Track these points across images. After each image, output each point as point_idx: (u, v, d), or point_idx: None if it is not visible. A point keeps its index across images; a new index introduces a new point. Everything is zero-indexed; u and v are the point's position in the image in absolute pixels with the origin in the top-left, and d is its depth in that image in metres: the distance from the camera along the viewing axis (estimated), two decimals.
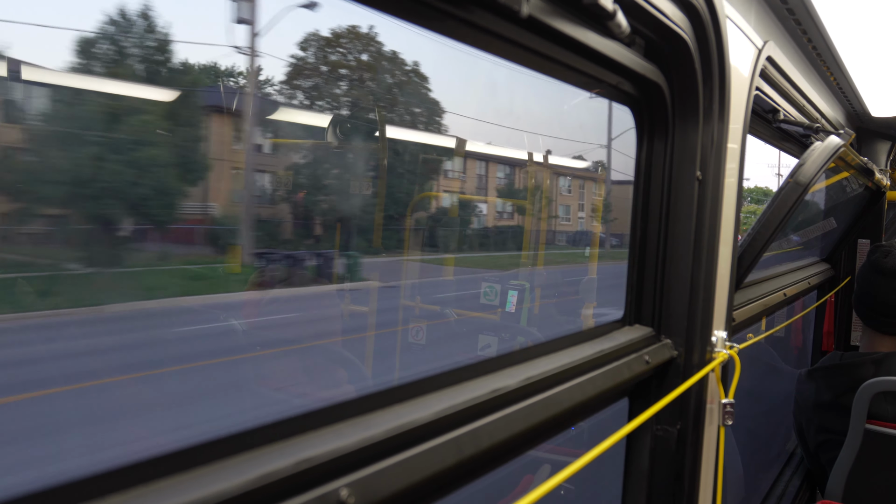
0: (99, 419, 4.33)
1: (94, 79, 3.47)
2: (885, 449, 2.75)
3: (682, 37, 1.46)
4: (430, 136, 9.98)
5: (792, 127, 2.56)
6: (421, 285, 6.69)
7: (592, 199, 18.69)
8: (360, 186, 7.54)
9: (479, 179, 13.06)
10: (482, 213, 12.93)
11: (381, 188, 6.98)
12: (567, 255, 15.98)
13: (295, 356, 3.12)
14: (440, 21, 1.00)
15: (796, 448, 3.96)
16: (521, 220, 13.07)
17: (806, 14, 2.16)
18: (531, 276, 8.41)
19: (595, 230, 17.27)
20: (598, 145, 15.90)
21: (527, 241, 12.05)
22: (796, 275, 3.39)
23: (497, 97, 10.47)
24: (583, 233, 18.31)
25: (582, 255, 16.30)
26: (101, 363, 4.63)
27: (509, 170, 13.80)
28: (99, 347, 4.87)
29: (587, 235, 18.02)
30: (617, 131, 13.09)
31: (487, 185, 13.28)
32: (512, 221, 13.34)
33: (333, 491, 0.79)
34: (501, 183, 14.00)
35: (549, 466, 3.06)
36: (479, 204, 12.44)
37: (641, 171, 1.68)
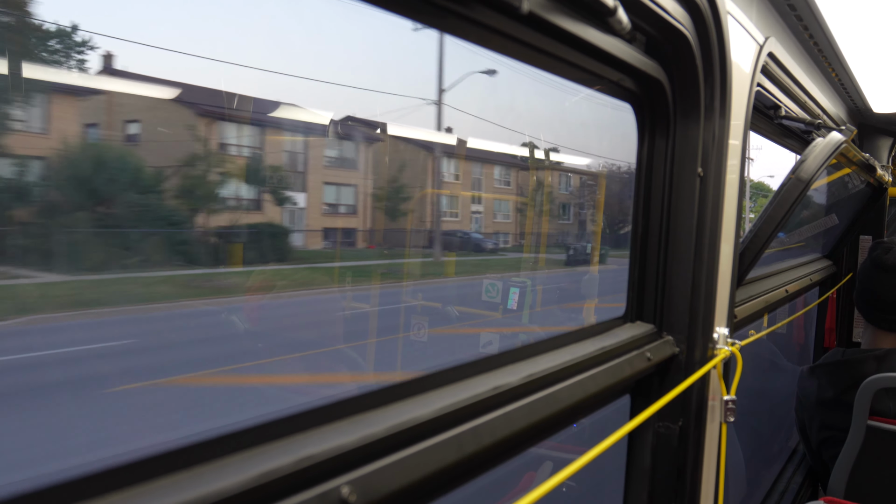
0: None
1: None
2: (888, 445, 2.75)
3: (683, 33, 1.46)
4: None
5: (793, 123, 2.56)
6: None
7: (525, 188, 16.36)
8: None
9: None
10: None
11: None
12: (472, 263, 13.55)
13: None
14: (441, 17, 0.99)
15: (798, 445, 3.96)
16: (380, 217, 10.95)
17: (807, 10, 2.15)
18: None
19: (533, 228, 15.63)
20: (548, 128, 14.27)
21: (411, 244, 11.28)
22: (798, 271, 3.38)
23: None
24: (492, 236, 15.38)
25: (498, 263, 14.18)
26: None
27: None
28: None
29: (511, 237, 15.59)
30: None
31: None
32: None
33: (335, 489, 0.79)
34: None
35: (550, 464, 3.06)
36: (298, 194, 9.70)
37: (643, 167, 1.68)
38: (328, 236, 9.83)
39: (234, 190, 7.02)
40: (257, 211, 7.58)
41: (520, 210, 16.17)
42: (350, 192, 10.23)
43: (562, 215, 18.24)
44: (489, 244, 14.61)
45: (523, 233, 16.15)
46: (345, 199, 10.08)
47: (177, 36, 4.47)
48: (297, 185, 8.81)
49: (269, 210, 7.93)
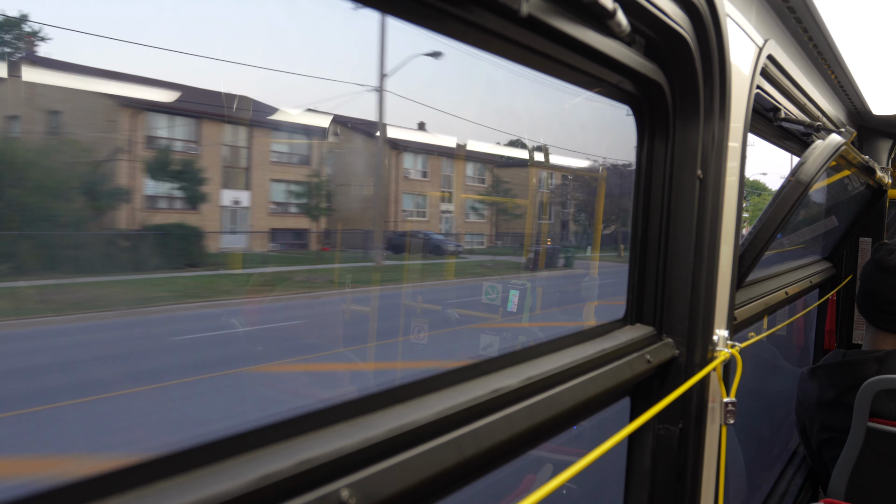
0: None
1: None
2: (888, 447, 2.75)
3: (682, 35, 1.46)
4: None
5: (793, 125, 2.56)
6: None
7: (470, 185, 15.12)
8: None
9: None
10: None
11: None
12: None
13: None
14: (440, 21, 0.99)
15: (798, 447, 3.96)
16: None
17: (807, 12, 2.16)
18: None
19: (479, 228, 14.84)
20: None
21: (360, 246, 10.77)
22: (798, 273, 3.39)
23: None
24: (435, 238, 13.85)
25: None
26: None
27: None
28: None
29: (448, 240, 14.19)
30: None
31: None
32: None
33: (334, 492, 0.79)
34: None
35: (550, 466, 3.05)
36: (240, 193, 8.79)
37: (642, 170, 1.68)
38: (276, 238, 9.08)
39: (144, 186, 6.29)
40: (172, 210, 6.80)
41: (499, 210, 15.57)
42: (301, 189, 9.52)
43: (541, 215, 17.48)
44: (450, 246, 13.85)
45: (502, 233, 15.56)
46: (297, 197, 9.38)
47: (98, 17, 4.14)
48: (238, 182, 8.09)
49: (192, 210, 7.09)
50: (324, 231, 9.95)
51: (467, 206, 14.77)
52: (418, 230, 13.34)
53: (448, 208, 14.14)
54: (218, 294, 7.25)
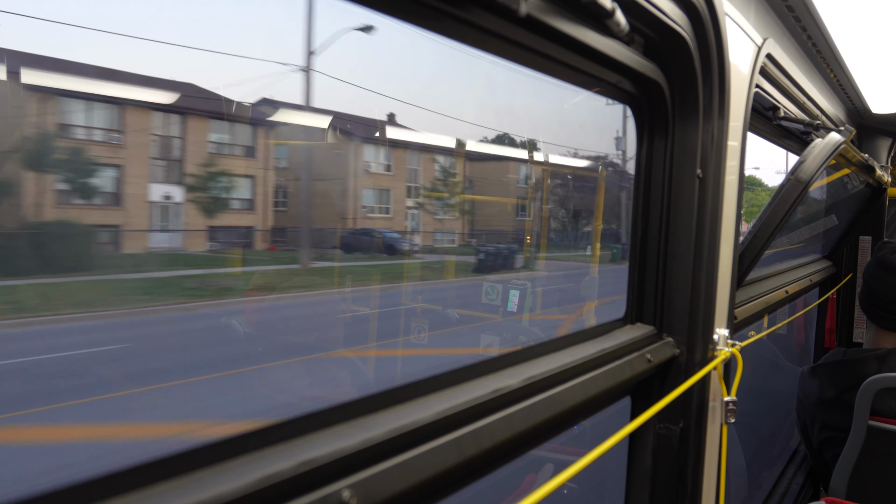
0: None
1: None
2: (889, 445, 2.75)
3: (681, 35, 1.46)
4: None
5: (792, 124, 2.56)
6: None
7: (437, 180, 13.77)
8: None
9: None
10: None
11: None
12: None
13: None
14: (438, 21, 0.99)
15: (799, 445, 3.96)
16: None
17: (805, 11, 2.16)
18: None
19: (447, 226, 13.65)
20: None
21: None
22: (798, 272, 3.39)
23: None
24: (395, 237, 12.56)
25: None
26: None
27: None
28: None
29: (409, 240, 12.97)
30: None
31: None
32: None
33: (335, 492, 0.79)
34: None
35: (551, 466, 3.05)
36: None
37: (642, 169, 1.68)
38: (217, 236, 8.13)
39: (48, 180, 5.46)
40: (84, 207, 5.93)
41: (474, 206, 14.67)
42: (246, 184, 8.43)
43: (520, 213, 16.44)
44: (405, 245, 12.82)
45: (478, 231, 14.58)
46: (239, 192, 8.29)
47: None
48: (170, 176, 7.21)
49: (113, 206, 6.21)
50: (272, 229, 9.20)
51: (437, 202, 13.84)
52: (373, 228, 12.24)
53: (415, 204, 13.18)
54: (64, 307, 6.21)
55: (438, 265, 12.64)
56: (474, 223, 15.09)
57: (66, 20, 4.80)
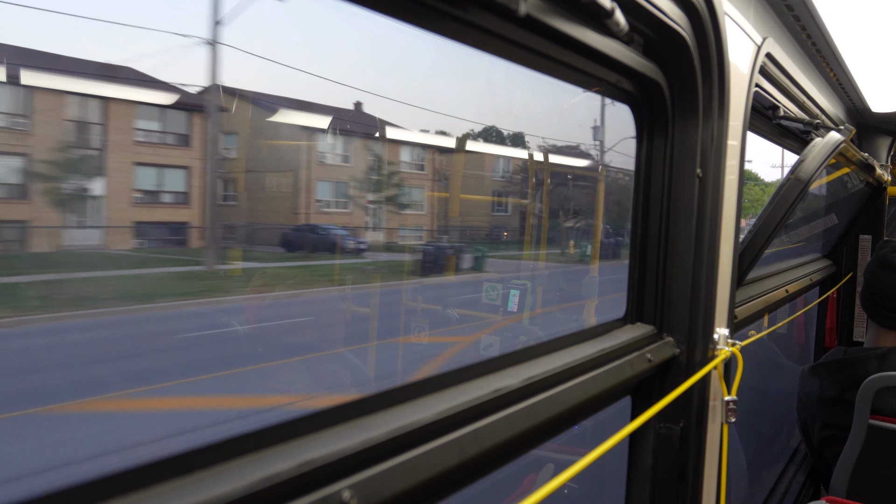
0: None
1: None
2: (889, 444, 2.75)
3: (680, 34, 1.46)
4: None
5: (792, 123, 2.56)
6: None
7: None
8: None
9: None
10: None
11: None
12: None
13: None
14: (437, 21, 0.99)
15: (800, 444, 3.96)
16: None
17: (805, 10, 2.16)
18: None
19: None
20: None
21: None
22: (798, 271, 3.39)
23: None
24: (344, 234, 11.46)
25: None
26: None
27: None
28: None
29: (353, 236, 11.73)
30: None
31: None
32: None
33: (336, 493, 0.79)
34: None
35: (552, 466, 3.05)
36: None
37: (641, 169, 1.68)
38: (144, 233, 7.24)
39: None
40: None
41: (444, 200, 13.54)
42: (179, 176, 7.47)
43: (497, 207, 15.44)
44: (350, 243, 11.58)
45: (450, 227, 13.41)
46: (171, 184, 7.36)
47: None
48: (88, 168, 6.34)
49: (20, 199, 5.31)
50: (212, 225, 8.22)
51: (402, 195, 12.71)
52: (318, 224, 11.05)
53: (377, 198, 12.06)
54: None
55: (386, 266, 11.33)
56: (447, 219, 13.97)
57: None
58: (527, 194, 14.71)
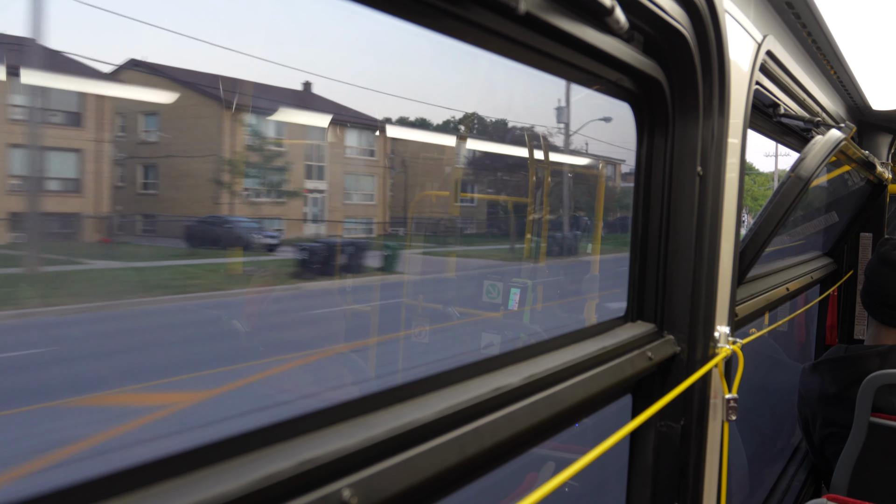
0: None
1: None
2: (890, 442, 2.75)
3: (681, 32, 1.45)
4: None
5: (792, 121, 2.55)
6: None
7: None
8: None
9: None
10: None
11: None
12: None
13: None
14: (437, 19, 0.99)
15: (801, 442, 3.96)
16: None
17: (805, 8, 2.15)
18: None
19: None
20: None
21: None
22: (799, 269, 3.38)
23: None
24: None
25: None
26: None
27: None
28: None
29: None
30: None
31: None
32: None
33: (336, 492, 0.79)
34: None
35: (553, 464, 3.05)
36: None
37: (642, 167, 1.67)
38: (23, 224, 6.10)
39: None
40: None
41: (401, 189, 11.85)
42: (69, 160, 6.35)
43: (461, 197, 13.38)
44: (265, 238, 9.92)
45: (402, 219, 11.70)
46: (58, 170, 6.28)
47: None
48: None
49: None
50: (111, 215, 7.34)
51: (349, 183, 11.20)
52: (223, 216, 9.28)
53: (319, 186, 10.48)
54: None
55: (276, 265, 9.50)
56: (405, 210, 12.18)
57: None
58: (492, 186, 13.54)
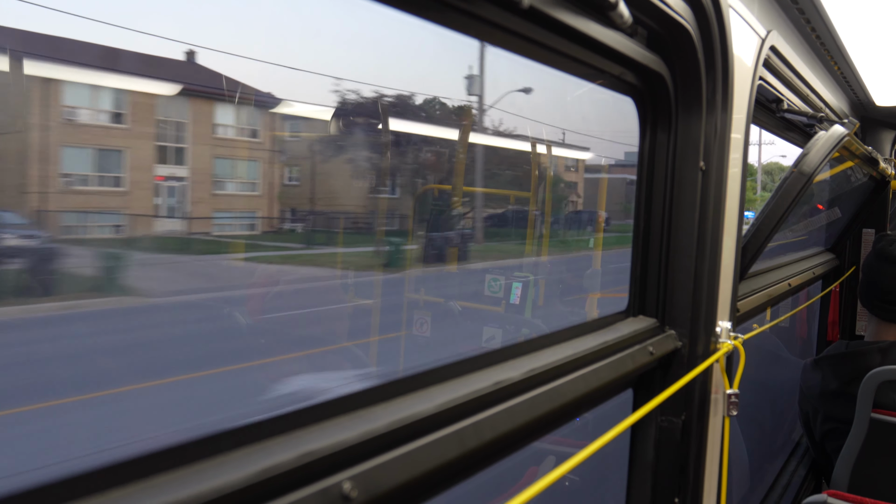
0: None
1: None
2: (891, 438, 2.75)
3: (684, 27, 1.45)
4: None
5: (796, 116, 2.55)
6: None
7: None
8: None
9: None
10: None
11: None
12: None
13: None
14: (441, 12, 0.99)
15: (801, 438, 3.96)
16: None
17: (809, 3, 2.15)
18: None
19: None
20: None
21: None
22: (801, 265, 3.38)
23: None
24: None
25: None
26: None
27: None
28: None
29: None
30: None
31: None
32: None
33: (336, 484, 0.79)
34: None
35: (553, 458, 3.06)
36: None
37: (644, 161, 1.67)
38: None
39: None
40: None
41: (293, 177, 9.69)
42: None
43: (379, 187, 10.24)
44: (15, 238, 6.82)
45: (307, 212, 9.67)
46: None
47: None
48: None
49: None
50: None
51: (218, 169, 9.10)
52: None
53: (178, 173, 8.50)
54: None
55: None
56: (290, 199, 10.21)
57: None
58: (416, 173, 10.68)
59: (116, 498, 0.65)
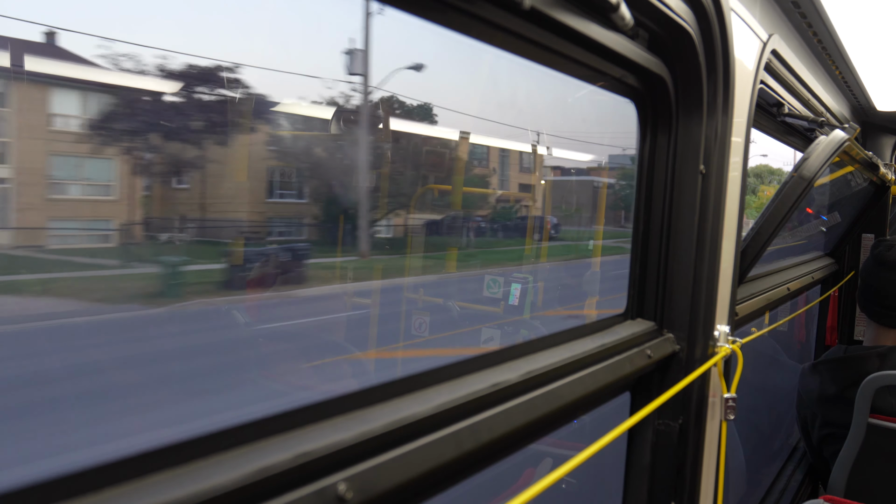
0: None
1: None
2: (889, 443, 2.75)
3: (686, 30, 1.45)
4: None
5: (796, 121, 2.55)
6: None
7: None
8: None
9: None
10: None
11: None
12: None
13: None
14: (442, 13, 0.99)
15: (799, 442, 3.96)
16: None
17: (811, 7, 2.15)
18: None
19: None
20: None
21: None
22: (800, 269, 3.38)
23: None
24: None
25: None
26: None
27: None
28: None
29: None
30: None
31: None
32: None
33: (332, 485, 0.79)
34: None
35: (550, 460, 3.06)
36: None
37: (644, 164, 1.67)
38: None
39: None
40: None
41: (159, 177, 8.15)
42: None
43: (277, 189, 9.05)
44: None
45: (174, 219, 8.14)
46: None
47: None
48: None
49: None
50: None
51: (61, 170, 5.57)
52: None
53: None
54: None
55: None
56: (155, 205, 8.15)
57: None
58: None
59: (110, 497, 0.65)
